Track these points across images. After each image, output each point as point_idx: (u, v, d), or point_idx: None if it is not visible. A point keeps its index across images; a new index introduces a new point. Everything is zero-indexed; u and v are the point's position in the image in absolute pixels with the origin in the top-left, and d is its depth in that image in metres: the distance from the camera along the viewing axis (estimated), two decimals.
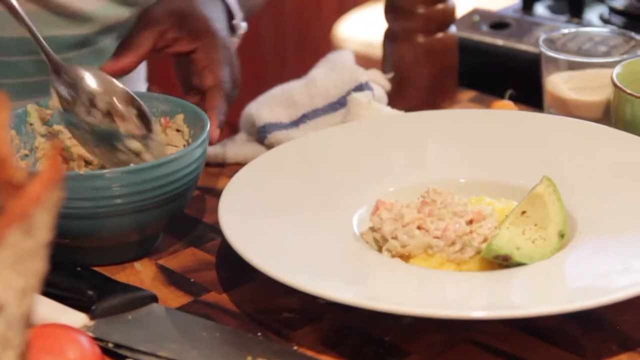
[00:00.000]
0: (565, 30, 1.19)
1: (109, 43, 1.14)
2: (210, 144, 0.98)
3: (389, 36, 1.22)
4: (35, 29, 0.98)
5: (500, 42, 1.28)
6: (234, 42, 1.12)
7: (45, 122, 1.00)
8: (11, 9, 0.95)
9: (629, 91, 1.01)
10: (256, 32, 2.73)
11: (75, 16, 1.09)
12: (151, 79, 1.36)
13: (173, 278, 0.92)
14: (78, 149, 0.99)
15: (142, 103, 0.96)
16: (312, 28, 2.73)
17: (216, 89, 1.03)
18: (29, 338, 0.55)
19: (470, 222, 0.88)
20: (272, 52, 2.75)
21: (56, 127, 1.00)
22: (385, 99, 1.15)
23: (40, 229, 0.53)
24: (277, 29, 2.75)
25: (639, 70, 1.07)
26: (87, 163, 1.00)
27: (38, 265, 0.53)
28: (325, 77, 1.14)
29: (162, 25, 1.04)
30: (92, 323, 0.83)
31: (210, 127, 0.98)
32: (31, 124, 0.99)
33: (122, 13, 1.12)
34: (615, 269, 0.83)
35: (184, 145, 0.98)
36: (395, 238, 0.87)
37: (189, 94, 1.06)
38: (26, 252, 0.52)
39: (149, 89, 1.30)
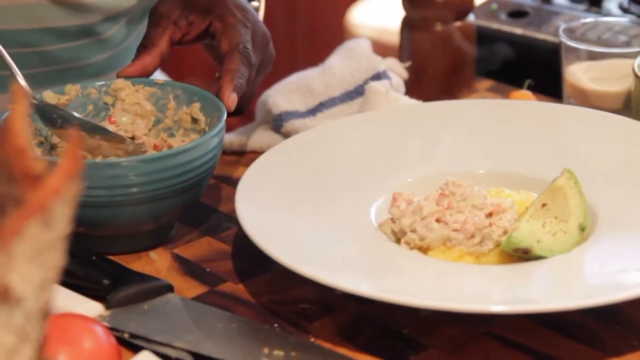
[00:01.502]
0: (585, 20, 1.18)
1: (114, 32, 1.12)
2: (228, 111, 0.95)
3: (407, 24, 1.21)
4: (38, 20, 0.97)
5: (518, 31, 1.27)
6: (253, 4, 1.09)
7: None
8: None
9: None
10: (267, 17, 2.72)
11: (78, 6, 1.07)
12: (165, 69, 1.35)
13: (189, 267, 0.91)
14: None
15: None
16: (325, 14, 2.72)
17: (232, 53, 0.99)
18: (47, 330, 0.55)
19: (489, 214, 0.87)
20: (284, 37, 2.74)
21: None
22: (402, 88, 1.14)
23: (59, 222, 0.52)
24: (289, 14, 2.74)
25: None
26: None
27: (56, 258, 0.52)
28: (342, 65, 1.12)
29: (172, 17, 1.02)
30: (107, 313, 0.82)
31: (225, 92, 0.95)
32: None
33: (126, 2, 1.10)
34: (636, 263, 0.82)
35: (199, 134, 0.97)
36: (414, 231, 0.86)
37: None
38: (45, 245, 0.51)
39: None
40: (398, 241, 0.88)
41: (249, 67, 0.99)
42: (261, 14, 1.10)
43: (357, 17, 2.40)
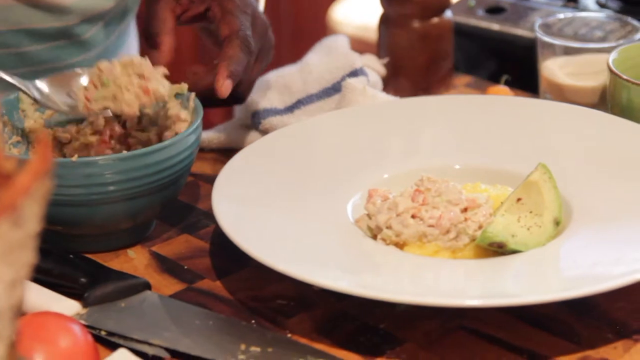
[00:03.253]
0: (561, 15, 1.18)
1: (93, 33, 1.12)
2: (221, 96, 0.94)
3: (384, 21, 1.21)
4: (15, 22, 0.97)
5: (496, 27, 1.28)
6: None
7: (38, 107, 0.99)
8: None
9: (625, 77, 1.01)
10: None
11: (54, 8, 1.07)
12: None
13: (166, 265, 0.91)
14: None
15: None
16: (308, 11, 2.72)
17: (231, 39, 0.98)
18: (20, 328, 0.55)
19: (465, 210, 0.87)
20: None
21: (48, 111, 0.99)
22: (380, 84, 1.15)
23: (29, 220, 0.52)
24: (272, 11, 2.74)
25: (635, 55, 1.06)
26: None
27: (27, 257, 0.53)
28: (320, 62, 1.13)
29: None
30: (84, 311, 0.82)
31: (219, 79, 0.94)
32: (23, 110, 0.98)
33: (103, 3, 1.10)
34: (610, 257, 0.83)
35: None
36: (389, 227, 0.86)
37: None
38: (15, 244, 0.51)
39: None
40: (374, 237, 0.88)
41: (248, 54, 0.98)
42: (261, 3, 1.10)
43: (339, 14, 2.40)
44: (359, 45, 1.23)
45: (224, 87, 0.95)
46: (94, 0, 1.09)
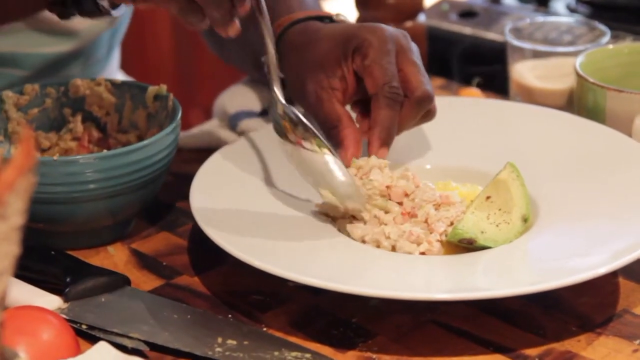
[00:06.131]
0: (533, 20, 1.21)
1: (76, 66, 1.16)
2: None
3: None
4: (20, 45, 1.00)
5: (468, 30, 1.30)
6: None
7: (20, 108, 1.01)
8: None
9: (591, 80, 1.03)
10: None
11: (63, 32, 1.11)
12: (124, 67, 1.38)
13: (146, 261, 0.94)
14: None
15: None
16: None
17: (376, 97, 0.92)
18: (4, 319, 0.57)
19: (437, 206, 0.90)
20: None
21: (31, 112, 1.01)
22: None
23: (14, 214, 0.54)
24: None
25: (602, 59, 1.09)
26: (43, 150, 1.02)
27: (11, 249, 0.55)
28: None
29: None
30: (65, 305, 0.85)
31: (373, 148, 0.92)
32: (6, 111, 1.00)
33: (105, 25, 1.15)
34: (574, 252, 0.86)
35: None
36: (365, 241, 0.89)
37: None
38: (0, 236, 0.54)
39: None
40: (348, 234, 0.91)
41: (396, 105, 0.92)
42: None
43: None
44: None
45: (380, 154, 0.92)
46: (99, 23, 1.12)
